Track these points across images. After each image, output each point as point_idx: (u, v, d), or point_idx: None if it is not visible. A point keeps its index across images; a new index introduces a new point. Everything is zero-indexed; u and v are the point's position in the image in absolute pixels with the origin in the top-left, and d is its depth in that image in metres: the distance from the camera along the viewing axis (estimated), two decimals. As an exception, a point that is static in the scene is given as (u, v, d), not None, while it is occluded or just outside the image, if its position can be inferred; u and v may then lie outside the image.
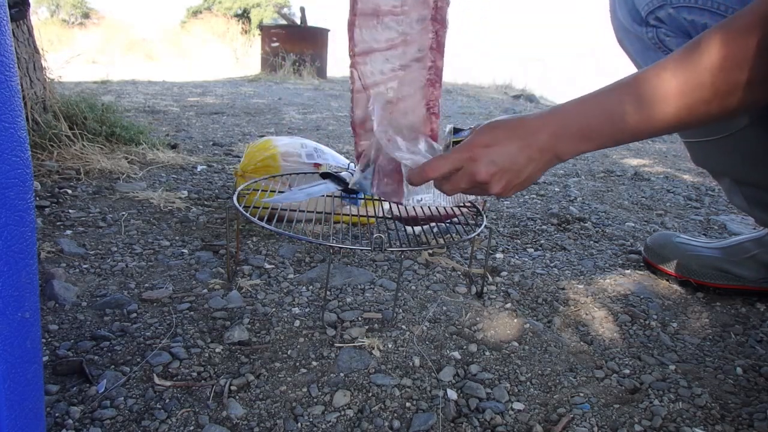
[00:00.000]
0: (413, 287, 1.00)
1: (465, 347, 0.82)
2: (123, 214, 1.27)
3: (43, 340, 0.77)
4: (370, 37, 0.75)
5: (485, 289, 1.01)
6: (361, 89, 0.78)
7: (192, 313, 0.87)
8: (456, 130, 0.97)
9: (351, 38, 0.75)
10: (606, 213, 1.55)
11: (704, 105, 0.58)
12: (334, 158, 1.32)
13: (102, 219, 1.24)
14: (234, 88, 4.78)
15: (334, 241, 1.13)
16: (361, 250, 0.90)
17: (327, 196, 1.04)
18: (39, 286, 0.52)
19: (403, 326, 0.87)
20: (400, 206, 1.10)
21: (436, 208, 1.09)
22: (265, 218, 0.95)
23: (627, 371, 0.79)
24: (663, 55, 0.87)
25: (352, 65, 0.77)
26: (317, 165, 1.27)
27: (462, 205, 1.03)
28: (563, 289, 1.04)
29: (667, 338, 0.89)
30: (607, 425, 0.68)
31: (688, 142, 0.99)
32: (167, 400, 0.66)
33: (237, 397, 0.68)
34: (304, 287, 0.98)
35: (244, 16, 15.07)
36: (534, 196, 1.72)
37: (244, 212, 0.87)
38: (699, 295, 1.04)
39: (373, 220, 1.24)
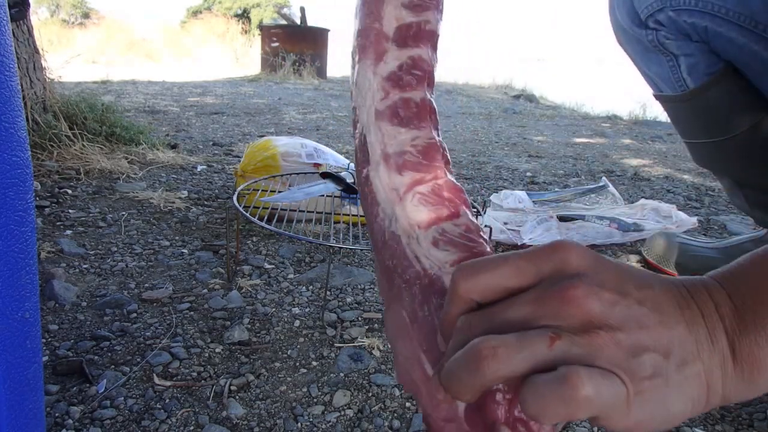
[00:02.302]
0: (413, 287, 1.00)
1: (465, 347, 0.82)
2: (123, 214, 1.27)
3: (43, 340, 0.77)
4: None
5: (485, 289, 1.01)
6: None
7: (192, 313, 0.87)
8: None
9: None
10: (606, 213, 1.55)
11: None
12: (334, 158, 1.32)
13: (102, 219, 1.24)
14: (234, 88, 4.78)
15: (334, 241, 1.13)
16: (361, 250, 0.90)
17: (327, 196, 1.04)
18: (39, 286, 0.52)
19: (403, 326, 0.86)
20: None
21: None
22: (265, 218, 0.95)
23: (627, 371, 0.79)
24: (663, 58, 0.87)
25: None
26: (317, 165, 1.27)
27: None
28: (563, 289, 1.04)
29: (667, 338, 0.89)
30: (607, 425, 0.68)
31: (689, 143, 0.98)
32: (167, 400, 0.66)
33: (237, 397, 0.68)
34: (304, 287, 0.98)
35: (244, 16, 15.07)
36: (534, 196, 1.72)
37: (244, 212, 0.87)
38: (699, 295, 1.04)
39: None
